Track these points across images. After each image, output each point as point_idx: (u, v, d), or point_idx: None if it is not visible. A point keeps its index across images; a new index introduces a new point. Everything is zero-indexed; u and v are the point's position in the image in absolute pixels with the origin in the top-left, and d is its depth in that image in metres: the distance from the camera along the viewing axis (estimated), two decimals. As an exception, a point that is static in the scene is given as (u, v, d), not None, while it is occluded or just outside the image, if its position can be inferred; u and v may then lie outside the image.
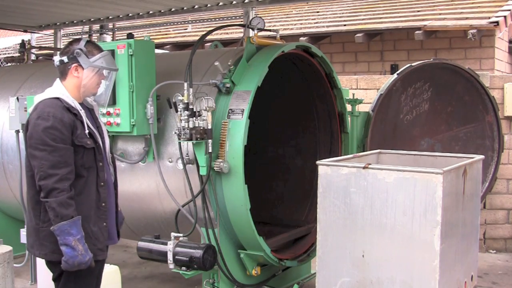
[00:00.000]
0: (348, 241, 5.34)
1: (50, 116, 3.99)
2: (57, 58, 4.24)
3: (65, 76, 4.23)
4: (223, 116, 5.74)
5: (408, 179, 5.06)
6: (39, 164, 3.92)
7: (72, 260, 3.89)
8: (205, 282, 5.99)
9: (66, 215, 3.88)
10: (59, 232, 3.88)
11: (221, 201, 5.75)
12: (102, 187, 4.23)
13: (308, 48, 6.58)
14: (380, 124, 7.81)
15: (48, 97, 4.14)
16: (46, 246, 4.06)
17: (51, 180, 3.89)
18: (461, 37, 12.51)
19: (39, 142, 3.94)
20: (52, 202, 3.87)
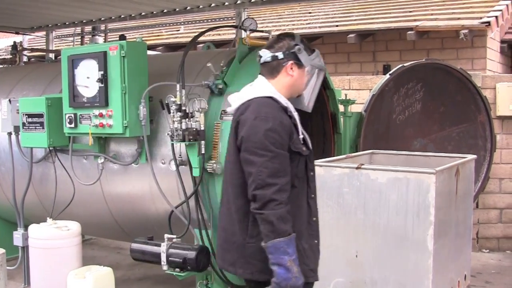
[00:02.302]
0: (341, 241, 5.35)
1: (269, 117, 3.57)
2: (267, 53, 3.81)
3: (276, 74, 3.80)
4: (215, 117, 5.73)
5: (401, 179, 5.08)
6: (256, 172, 3.46)
7: (285, 283, 3.42)
8: (198, 284, 5.98)
9: (284, 231, 3.42)
10: (274, 250, 3.41)
11: (214, 202, 5.75)
12: (312, 199, 3.89)
13: (300, 49, 6.57)
14: (373, 125, 7.83)
15: (259, 96, 3.72)
16: (253, 265, 3.63)
17: (270, 190, 3.42)
18: (453, 37, 12.53)
19: (259, 146, 3.49)
20: (269, 215, 3.40)
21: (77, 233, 6.22)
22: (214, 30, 7.08)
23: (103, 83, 5.74)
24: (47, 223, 6.24)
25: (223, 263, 3.83)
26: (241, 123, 3.63)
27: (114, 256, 8.66)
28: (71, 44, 10.34)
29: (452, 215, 5.54)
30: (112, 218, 6.71)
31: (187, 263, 5.44)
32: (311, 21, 14.18)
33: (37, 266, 6.18)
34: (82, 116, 6.00)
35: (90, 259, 7.29)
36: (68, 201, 6.60)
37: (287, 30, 13.43)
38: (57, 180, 6.72)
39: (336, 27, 13.32)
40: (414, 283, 5.06)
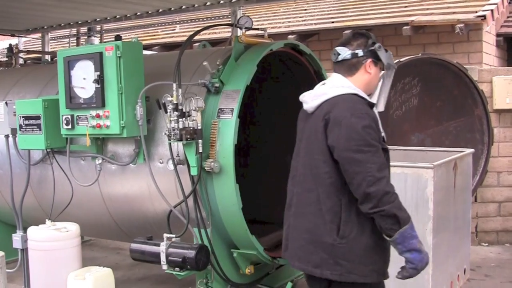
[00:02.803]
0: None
1: (364, 113, 3.60)
2: (346, 51, 3.81)
3: (355, 71, 3.81)
4: (212, 115, 5.73)
5: (399, 174, 5.08)
6: (365, 169, 3.46)
7: (421, 264, 3.58)
8: (198, 283, 5.98)
9: (406, 217, 3.51)
10: (402, 239, 3.51)
11: (212, 201, 5.75)
12: None
13: (296, 46, 6.59)
14: (370, 120, 7.82)
15: (345, 93, 3.71)
16: (342, 266, 3.59)
17: (382, 183, 3.46)
18: (448, 31, 12.52)
19: (362, 144, 3.50)
20: (390, 208, 3.44)
21: (76, 235, 6.22)
22: (210, 29, 7.07)
23: (100, 84, 5.73)
24: (46, 225, 6.24)
25: (305, 265, 3.75)
26: (333, 121, 3.60)
27: (114, 256, 8.66)
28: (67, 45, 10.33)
29: (450, 209, 5.55)
30: (111, 219, 6.71)
31: (187, 262, 5.44)
32: (307, 18, 14.17)
33: (36, 268, 6.18)
34: (79, 117, 5.99)
35: (89, 260, 7.28)
36: (67, 202, 6.60)
37: (283, 28, 13.45)
38: (55, 181, 6.72)
39: (332, 24, 13.31)
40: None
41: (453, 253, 5.69)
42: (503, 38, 14.36)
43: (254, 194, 7.14)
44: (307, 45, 6.85)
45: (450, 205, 5.52)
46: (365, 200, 3.46)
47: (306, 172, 3.80)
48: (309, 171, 3.76)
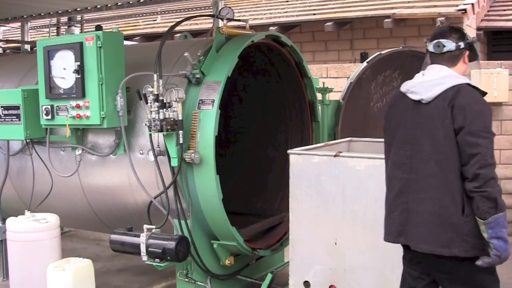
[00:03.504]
0: (320, 229, 5.36)
1: (485, 103, 3.92)
2: (451, 43, 4.09)
3: (456, 62, 4.12)
4: (193, 107, 5.72)
5: (379, 167, 5.07)
6: (482, 153, 3.71)
7: (505, 254, 3.69)
8: (178, 274, 5.99)
9: (503, 205, 3.71)
10: (495, 224, 3.67)
11: (193, 192, 5.74)
12: None
13: (277, 37, 6.58)
14: (351, 112, 7.84)
15: (463, 82, 3.98)
16: (467, 242, 3.79)
17: (491, 169, 3.70)
18: (429, 24, 12.59)
19: (483, 130, 3.76)
20: (492, 192, 3.66)
21: (56, 226, 6.19)
22: (191, 20, 7.06)
23: (80, 74, 5.70)
24: (25, 216, 6.20)
25: (432, 246, 3.91)
26: (458, 108, 3.82)
27: (94, 247, 8.63)
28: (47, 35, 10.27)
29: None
30: (91, 210, 6.68)
31: (167, 253, 5.44)
32: (288, 10, 14.18)
33: (15, 259, 6.14)
34: (59, 107, 5.96)
35: (69, 251, 7.26)
36: (46, 193, 6.57)
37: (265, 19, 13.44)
38: (35, 172, 6.68)
39: (314, 16, 13.33)
40: (393, 269, 5.08)
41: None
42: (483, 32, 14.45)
43: (235, 186, 7.16)
44: (289, 36, 6.85)
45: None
46: (473, 179, 3.71)
47: (426, 158, 3.94)
48: (430, 157, 3.91)
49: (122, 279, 7.19)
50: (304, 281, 5.49)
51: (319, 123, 7.27)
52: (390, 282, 5.10)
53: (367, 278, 5.20)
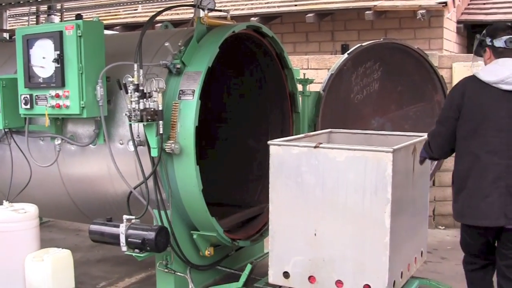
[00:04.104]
0: (300, 220, 5.37)
1: None
2: None
3: None
4: (174, 97, 5.71)
5: (359, 158, 5.11)
6: None
7: None
8: (158, 264, 5.98)
9: None
10: None
11: (173, 182, 5.74)
12: None
13: (258, 28, 6.58)
14: (331, 104, 7.86)
15: None
16: None
17: None
18: (410, 17, 12.64)
19: None
20: None
21: (35, 216, 6.16)
22: (172, 10, 7.03)
23: (59, 63, 5.67)
24: (3, 206, 6.16)
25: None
26: None
27: (73, 238, 8.60)
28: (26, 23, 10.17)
29: (409, 193, 5.60)
30: (70, 200, 6.66)
31: (146, 243, 5.43)
32: (270, 1, 14.17)
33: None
34: (38, 97, 5.92)
35: (48, 242, 7.22)
36: (25, 183, 6.53)
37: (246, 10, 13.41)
38: (13, 162, 6.63)
39: (295, 7, 13.33)
40: (372, 260, 5.11)
41: (411, 236, 5.75)
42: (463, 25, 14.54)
43: (215, 176, 7.16)
44: (270, 27, 6.85)
45: (408, 189, 5.57)
46: None
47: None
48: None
49: (102, 269, 7.18)
50: (283, 271, 5.51)
51: (300, 114, 7.28)
52: (369, 273, 5.14)
53: (347, 269, 5.23)
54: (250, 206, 7.12)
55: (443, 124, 4.73)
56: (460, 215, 4.64)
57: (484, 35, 4.69)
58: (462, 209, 4.60)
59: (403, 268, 5.57)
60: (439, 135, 4.78)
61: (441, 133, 4.75)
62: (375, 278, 5.12)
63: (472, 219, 4.53)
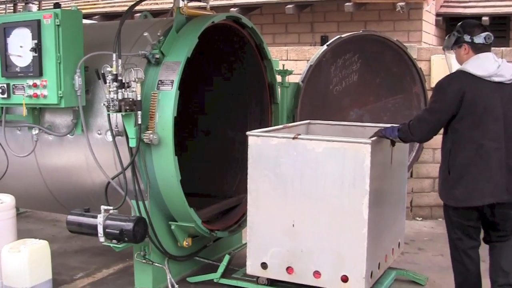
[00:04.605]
0: (278, 211, 5.39)
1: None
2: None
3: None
4: (152, 87, 5.68)
5: (337, 149, 5.13)
6: None
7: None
8: (136, 255, 5.97)
9: None
10: None
11: (151, 173, 5.72)
12: None
13: (238, 19, 6.57)
14: (310, 95, 7.87)
15: None
16: None
17: None
18: (390, 9, 12.68)
19: None
20: None
21: (11, 206, 6.10)
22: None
23: (37, 53, 5.62)
24: (-20, 196, 6.11)
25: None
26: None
27: (50, 228, 8.55)
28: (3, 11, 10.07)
29: (387, 185, 5.64)
30: (47, 191, 6.62)
31: (124, 234, 5.41)
32: (250, -8, 14.12)
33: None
34: (16, 86, 5.86)
35: (25, 233, 7.17)
36: (1, 173, 6.48)
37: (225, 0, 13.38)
38: (-10, 152, 6.58)
39: (275, -2, 13.30)
40: (350, 251, 5.15)
41: (389, 227, 5.79)
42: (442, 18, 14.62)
43: (194, 167, 7.15)
44: (249, 18, 6.84)
45: (386, 180, 5.61)
46: None
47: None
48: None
49: (79, 260, 7.15)
50: (261, 262, 5.53)
51: (279, 105, 7.29)
52: (347, 264, 5.17)
53: (324, 260, 5.26)
54: (229, 196, 7.12)
55: (432, 114, 4.89)
56: (464, 200, 4.84)
57: (461, 33, 5.00)
58: (466, 193, 4.82)
59: (381, 259, 5.61)
60: (426, 122, 4.92)
61: (428, 121, 4.90)
62: (352, 269, 5.16)
63: (479, 200, 4.80)
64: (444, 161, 4.94)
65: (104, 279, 6.54)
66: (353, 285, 5.19)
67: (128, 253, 6.51)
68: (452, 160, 4.86)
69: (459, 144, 4.83)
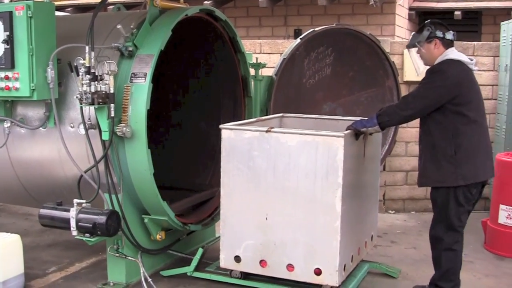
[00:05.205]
0: (251, 204, 5.41)
1: None
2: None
3: None
4: (125, 80, 5.66)
5: (310, 143, 5.15)
6: None
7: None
8: (109, 249, 5.95)
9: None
10: None
11: (124, 166, 5.71)
12: None
13: (211, 11, 6.56)
14: (283, 88, 7.89)
15: None
16: None
17: None
18: (363, 3, 12.72)
19: None
20: None
21: (-17, 199, 6.07)
22: (124, -8, 6.95)
23: (9, 45, 5.56)
24: (-49, 189, 6.06)
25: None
26: None
27: (22, 222, 8.49)
28: (-25, 4, 9.96)
29: (360, 178, 5.67)
30: (19, 184, 6.57)
31: (97, 228, 5.39)
32: (223, -15, 14.10)
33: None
34: (-13, 78, 5.81)
35: (-3, 226, 7.14)
36: (-27, 166, 6.43)
37: (199, -7, 13.31)
38: (-39, 144, 6.51)
39: (248, -9, 13.29)
40: (323, 244, 5.18)
41: (361, 220, 5.83)
42: (415, 12, 14.71)
43: (167, 160, 7.14)
44: (223, 11, 6.83)
45: (359, 173, 5.64)
46: None
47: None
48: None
49: (52, 254, 7.11)
50: (234, 255, 5.54)
51: (252, 98, 7.30)
52: (320, 257, 5.20)
53: (297, 253, 5.28)
54: (202, 190, 7.12)
55: (433, 90, 5.15)
56: (472, 176, 5.16)
57: (433, 29, 5.30)
58: (474, 170, 5.17)
59: (354, 252, 5.65)
60: (424, 98, 5.19)
61: (428, 97, 5.17)
62: (325, 262, 5.19)
63: (484, 175, 5.27)
64: (448, 143, 5.14)
65: (77, 273, 6.51)
66: (326, 278, 5.23)
67: (101, 247, 6.49)
68: (460, 140, 5.11)
69: (466, 125, 5.13)
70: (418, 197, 9.26)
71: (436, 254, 5.35)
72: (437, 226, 5.30)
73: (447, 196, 5.17)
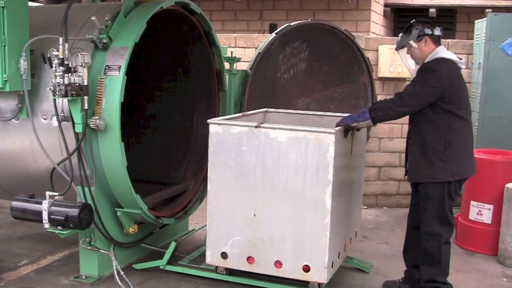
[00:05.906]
0: (239, 200, 5.38)
1: None
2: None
3: None
4: (99, 72, 5.62)
5: (301, 139, 5.14)
6: None
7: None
8: (81, 241, 5.92)
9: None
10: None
11: (97, 159, 5.67)
12: None
13: (187, 5, 6.53)
14: (258, 83, 7.88)
15: None
16: None
17: None
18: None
19: None
20: None
21: (-47, 191, 6.00)
22: (99, -17, 6.90)
23: (-19, 35, 5.51)
24: None
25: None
26: None
27: (-6, 214, 8.42)
28: None
29: (347, 174, 5.70)
30: (-9, 176, 6.51)
31: (70, 221, 5.36)
32: (199, -22, 14.05)
33: None
34: (-42, 69, 5.74)
35: (-33, 218, 7.07)
36: None
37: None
38: None
39: (224, -15, 13.26)
40: (312, 241, 5.17)
41: (348, 217, 5.85)
42: (390, 8, 14.79)
43: (141, 153, 7.11)
44: (198, 5, 6.80)
45: (347, 170, 5.65)
46: None
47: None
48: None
49: (24, 247, 7.06)
50: (221, 252, 5.52)
51: (226, 92, 7.29)
52: (308, 253, 5.20)
53: (285, 249, 5.28)
54: (175, 183, 7.11)
55: (427, 88, 5.19)
56: (460, 172, 5.29)
57: (421, 27, 5.37)
58: (462, 166, 5.30)
59: (340, 248, 5.67)
60: (419, 95, 5.22)
61: (424, 94, 5.22)
62: (314, 259, 5.19)
63: (471, 171, 5.42)
64: (439, 140, 5.21)
65: (49, 266, 6.47)
66: (314, 275, 5.23)
67: (74, 240, 6.45)
68: (450, 137, 5.18)
69: (456, 122, 5.23)
70: (390, 193, 9.32)
71: (431, 249, 5.32)
72: (433, 222, 5.30)
73: (442, 191, 5.23)
